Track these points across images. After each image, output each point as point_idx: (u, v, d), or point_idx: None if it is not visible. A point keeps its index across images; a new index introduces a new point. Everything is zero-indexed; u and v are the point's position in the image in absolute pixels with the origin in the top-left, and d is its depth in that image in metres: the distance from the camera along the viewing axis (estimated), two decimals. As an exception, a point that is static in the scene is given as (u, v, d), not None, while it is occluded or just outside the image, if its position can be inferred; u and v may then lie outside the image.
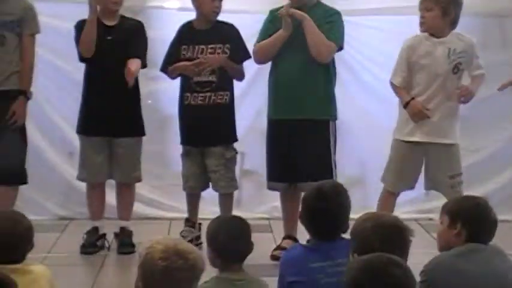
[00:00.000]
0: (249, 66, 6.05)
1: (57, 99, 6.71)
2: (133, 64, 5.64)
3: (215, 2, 5.85)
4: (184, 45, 5.88)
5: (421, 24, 5.54)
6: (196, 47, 5.85)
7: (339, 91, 5.86)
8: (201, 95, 5.84)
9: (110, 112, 5.74)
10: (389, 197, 5.60)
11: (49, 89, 6.67)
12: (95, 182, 5.92)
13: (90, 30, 5.73)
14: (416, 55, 5.49)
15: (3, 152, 5.66)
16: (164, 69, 5.94)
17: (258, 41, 5.75)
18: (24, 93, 5.70)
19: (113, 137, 5.81)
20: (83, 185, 6.08)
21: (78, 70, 5.98)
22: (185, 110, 5.92)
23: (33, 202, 6.49)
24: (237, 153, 5.97)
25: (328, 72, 5.74)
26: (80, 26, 5.79)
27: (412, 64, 5.49)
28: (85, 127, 5.88)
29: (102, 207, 5.96)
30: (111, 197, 6.04)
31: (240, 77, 5.97)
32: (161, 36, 6.30)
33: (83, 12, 5.82)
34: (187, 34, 5.92)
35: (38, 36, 5.75)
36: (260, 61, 5.87)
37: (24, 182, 5.80)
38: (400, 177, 5.57)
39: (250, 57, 5.87)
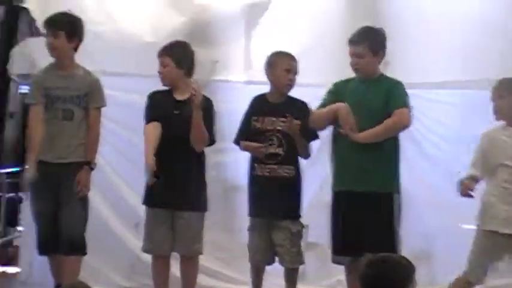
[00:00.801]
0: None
1: (124, 171, 6.79)
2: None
3: (289, 75, 5.94)
4: (255, 117, 5.97)
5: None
6: (267, 119, 5.94)
7: (402, 163, 5.85)
8: (268, 166, 5.90)
9: (173, 185, 5.79)
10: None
11: (116, 160, 6.77)
12: (160, 253, 5.96)
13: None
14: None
15: (67, 222, 5.80)
16: (237, 141, 6.04)
17: (317, 108, 5.81)
18: (89, 164, 5.85)
19: (174, 210, 5.86)
20: (148, 256, 6.11)
21: (142, 141, 6.02)
22: (253, 180, 5.99)
23: (99, 273, 6.53)
24: (303, 227, 5.98)
25: (392, 144, 5.75)
26: (151, 97, 5.91)
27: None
28: (150, 199, 5.94)
29: (166, 279, 5.97)
30: (176, 269, 6.06)
31: (306, 155, 6.01)
32: (227, 109, 6.38)
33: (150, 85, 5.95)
34: (259, 106, 6.01)
35: (104, 108, 5.90)
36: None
37: (85, 253, 5.90)
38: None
39: (318, 138, 5.94)
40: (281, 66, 5.95)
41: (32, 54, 6.57)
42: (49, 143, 5.89)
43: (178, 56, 5.87)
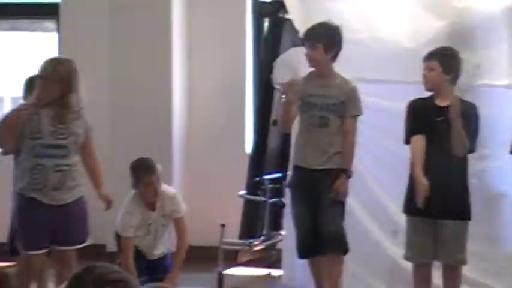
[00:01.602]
0: None
1: (382, 177, 6.74)
2: None
3: None
4: None
5: None
6: None
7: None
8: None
9: (436, 194, 5.70)
10: None
11: (375, 166, 6.75)
12: (421, 262, 5.89)
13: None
14: None
15: (329, 223, 5.94)
16: None
17: None
18: (345, 172, 5.92)
19: (436, 218, 5.77)
20: (407, 263, 6.05)
21: (402, 148, 6.01)
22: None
23: (358, 279, 6.57)
24: None
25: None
26: (412, 105, 5.85)
27: None
28: (410, 207, 5.87)
29: (428, 288, 5.91)
30: (436, 278, 5.97)
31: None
32: (490, 114, 6.20)
33: (410, 92, 5.91)
34: None
35: (363, 115, 5.94)
36: None
37: (346, 251, 5.99)
38: None
39: None
40: None
41: (295, 64, 6.71)
42: (305, 150, 6.05)
43: (446, 61, 5.78)
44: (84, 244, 5.63)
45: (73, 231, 5.56)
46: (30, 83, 6.31)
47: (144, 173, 5.85)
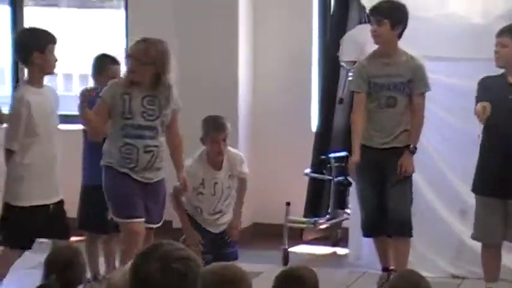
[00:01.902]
0: None
1: (448, 155, 6.66)
2: None
3: None
4: None
5: None
6: None
7: None
8: None
9: (507, 173, 5.60)
10: None
11: (441, 145, 6.67)
12: (490, 242, 5.81)
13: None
14: None
15: (395, 204, 5.92)
16: None
17: None
18: (409, 147, 5.92)
19: (507, 198, 5.68)
20: (475, 243, 5.98)
21: (470, 126, 5.92)
22: None
23: (425, 258, 6.51)
24: None
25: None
26: (482, 83, 5.74)
27: None
28: (480, 187, 5.79)
29: (497, 270, 5.81)
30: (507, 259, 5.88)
31: None
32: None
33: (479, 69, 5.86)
34: None
35: (430, 93, 5.87)
36: None
37: (411, 235, 5.95)
38: None
39: None
40: None
41: (361, 41, 6.66)
42: (372, 129, 6.00)
43: None
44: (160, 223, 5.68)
45: (157, 210, 5.61)
46: (99, 61, 6.38)
47: (213, 129, 5.84)
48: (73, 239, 5.81)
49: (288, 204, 7.12)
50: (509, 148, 5.59)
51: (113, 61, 6.37)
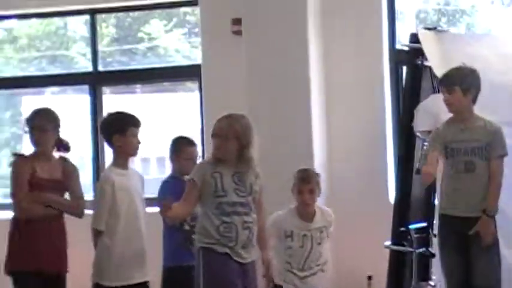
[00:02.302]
0: None
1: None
2: None
3: None
4: None
5: None
6: None
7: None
8: None
9: None
10: None
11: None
12: None
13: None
14: None
15: (481, 273, 5.85)
16: None
17: None
18: (486, 212, 5.83)
19: None
20: None
21: None
22: None
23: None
24: None
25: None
26: None
27: None
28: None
29: None
30: None
31: None
32: None
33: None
34: None
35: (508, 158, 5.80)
36: None
37: None
38: None
39: None
40: None
41: (435, 110, 6.64)
42: (453, 197, 5.94)
43: None
44: None
45: None
46: (177, 143, 6.48)
47: (300, 181, 6.20)
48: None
49: (370, 278, 7.04)
50: None
51: (190, 143, 6.48)
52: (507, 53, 6.70)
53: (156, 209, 6.39)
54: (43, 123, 6.08)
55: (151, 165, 10.41)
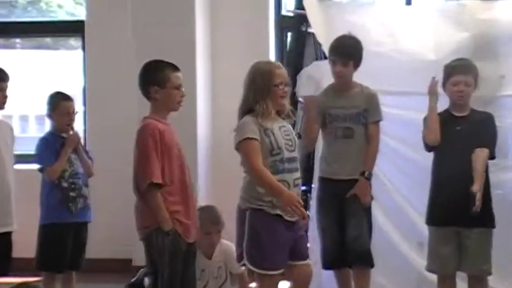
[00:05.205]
0: None
1: (404, 188, 6.68)
2: (480, 156, 5.63)
3: None
4: None
5: None
6: None
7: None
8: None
9: (458, 202, 5.67)
10: None
11: (397, 177, 6.70)
12: (445, 273, 5.86)
13: (432, 118, 5.82)
14: None
15: (354, 234, 5.94)
16: None
17: None
18: (364, 174, 5.95)
19: (461, 227, 5.74)
20: (435, 276, 6.02)
21: (424, 159, 6.04)
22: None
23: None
24: None
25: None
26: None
27: None
28: (432, 217, 5.87)
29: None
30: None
31: None
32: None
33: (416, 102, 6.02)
34: None
35: (386, 127, 5.95)
36: None
37: (372, 265, 5.98)
38: None
39: None
40: None
41: (318, 77, 6.72)
42: (331, 162, 6.06)
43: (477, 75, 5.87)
44: None
45: (305, 244, 5.48)
46: (53, 99, 6.38)
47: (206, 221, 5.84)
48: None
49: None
50: (459, 178, 5.67)
51: (66, 97, 6.40)
52: (387, 23, 6.82)
53: (35, 166, 6.31)
54: None
55: (30, 123, 10.21)
